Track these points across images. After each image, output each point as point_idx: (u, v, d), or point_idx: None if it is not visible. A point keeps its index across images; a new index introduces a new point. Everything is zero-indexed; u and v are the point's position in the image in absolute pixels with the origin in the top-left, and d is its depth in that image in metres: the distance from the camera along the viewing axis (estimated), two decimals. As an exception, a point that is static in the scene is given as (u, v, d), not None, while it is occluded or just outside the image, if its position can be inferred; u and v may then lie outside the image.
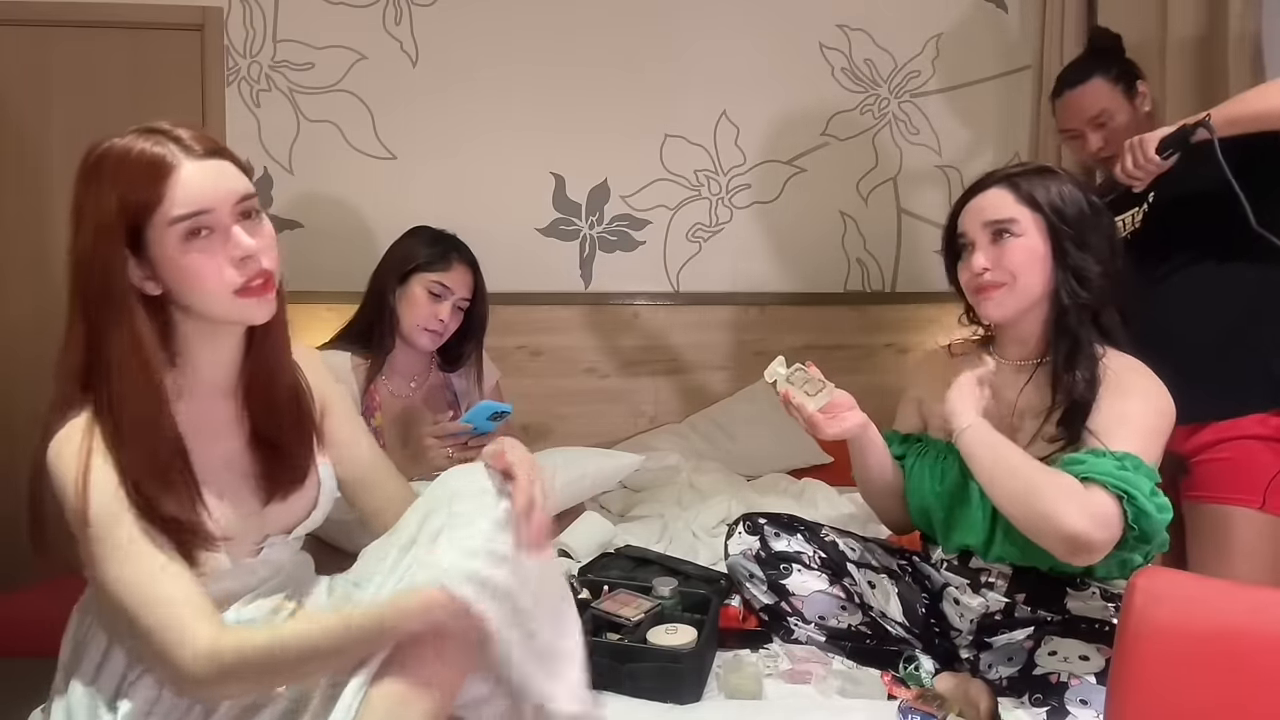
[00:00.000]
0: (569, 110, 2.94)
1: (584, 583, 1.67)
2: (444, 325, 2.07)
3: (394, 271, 2.09)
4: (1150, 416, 1.40)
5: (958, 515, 1.53)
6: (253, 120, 2.84)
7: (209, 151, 1.12)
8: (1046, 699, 1.28)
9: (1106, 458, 1.33)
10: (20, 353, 2.71)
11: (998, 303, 1.49)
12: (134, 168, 1.08)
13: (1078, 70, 2.02)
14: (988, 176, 1.55)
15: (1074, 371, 1.43)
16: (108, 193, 1.07)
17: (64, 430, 1.10)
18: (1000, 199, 1.49)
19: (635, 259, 3.03)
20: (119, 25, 2.76)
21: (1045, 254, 1.46)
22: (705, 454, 2.72)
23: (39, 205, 2.77)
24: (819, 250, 3.09)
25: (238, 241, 1.12)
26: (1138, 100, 1.98)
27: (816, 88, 3.03)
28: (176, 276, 1.11)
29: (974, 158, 3.07)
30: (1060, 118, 2.04)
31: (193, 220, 1.09)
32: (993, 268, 1.48)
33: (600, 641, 1.45)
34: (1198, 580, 1.12)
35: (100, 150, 1.10)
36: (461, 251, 2.13)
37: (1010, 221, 1.47)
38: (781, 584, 1.57)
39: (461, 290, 2.09)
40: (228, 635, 1.04)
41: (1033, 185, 1.48)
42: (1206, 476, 1.82)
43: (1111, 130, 1.95)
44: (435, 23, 2.89)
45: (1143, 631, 1.03)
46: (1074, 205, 1.47)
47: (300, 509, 1.28)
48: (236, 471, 1.21)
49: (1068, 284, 1.45)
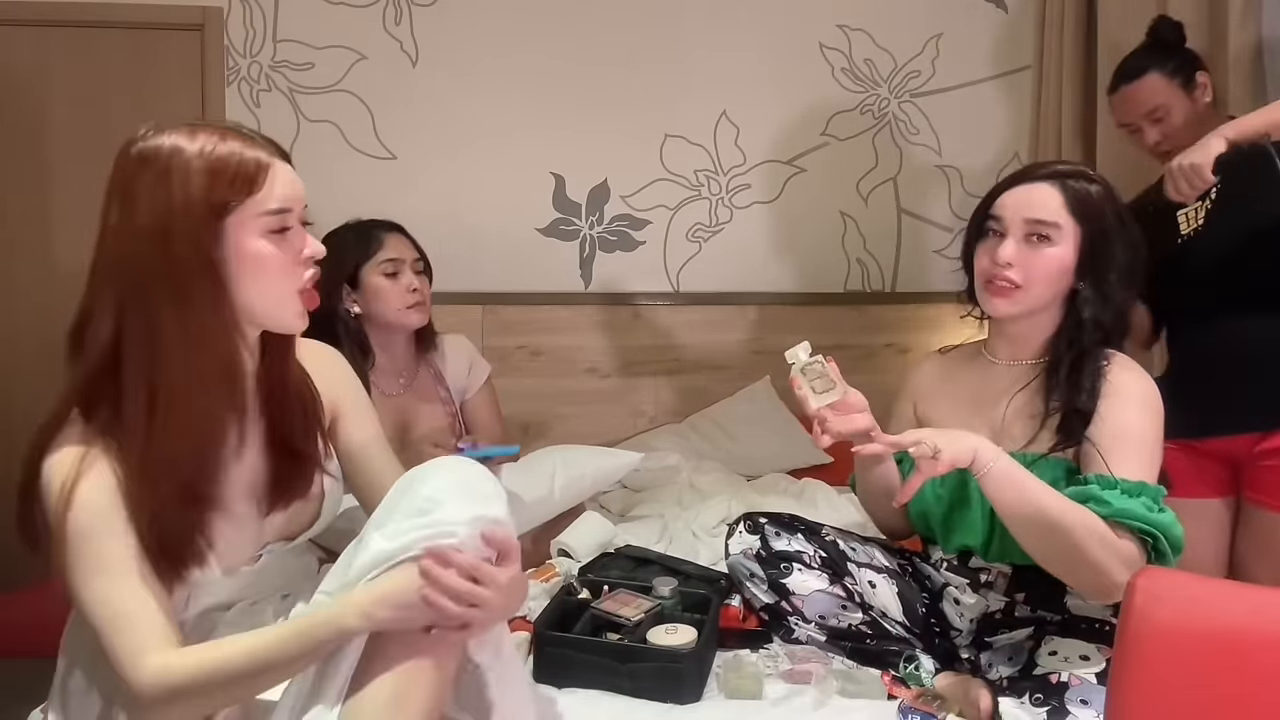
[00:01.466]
0: (569, 110, 2.94)
1: (584, 583, 1.67)
2: (419, 293, 2.06)
3: (335, 280, 2.00)
4: (1150, 426, 1.39)
5: (957, 517, 1.52)
6: (253, 120, 2.84)
7: (284, 156, 1.17)
8: (1047, 699, 1.28)
9: (1131, 497, 1.31)
10: (22, 353, 2.71)
11: (1010, 301, 1.46)
12: (230, 157, 1.09)
13: (1134, 64, 1.97)
14: (1038, 167, 1.51)
15: (1078, 382, 1.41)
16: (195, 180, 1.07)
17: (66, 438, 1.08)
18: (1048, 198, 1.45)
19: (635, 259, 3.03)
20: (119, 25, 2.76)
21: (1071, 266, 1.45)
22: (705, 454, 2.72)
23: (40, 205, 2.77)
24: (819, 250, 3.09)
25: (310, 242, 1.16)
26: (1197, 92, 1.93)
27: (816, 88, 3.03)
28: (250, 267, 1.11)
29: (974, 158, 3.08)
30: (1117, 112, 2.01)
31: (281, 216, 1.12)
32: (1017, 265, 1.44)
33: (600, 641, 1.45)
34: (1198, 580, 1.11)
35: (169, 141, 1.08)
36: (381, 224, 2.11)
37: (1053, 227, 1.44)
38: (782, 583, 1.57)
39: (409, 253, 2.08)
40: (178, 657, 1.03)
41: (1081, 193, 1.45)
42: (1271, 482, 1.78)
43: (1169, 125, 1.92)
44: (435, 23, 2.89)
45: (1143, 631, 1.03)
46: (1113, 219, 1.45)
47: (304, 518, 1.27)
48: (243, 480, 1.20)
49: (1093, 303, 1.43)
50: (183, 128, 1.10)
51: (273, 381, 1.23)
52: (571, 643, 1.44)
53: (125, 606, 1.04)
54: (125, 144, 1.10)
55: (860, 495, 1.71)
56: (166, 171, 1.07)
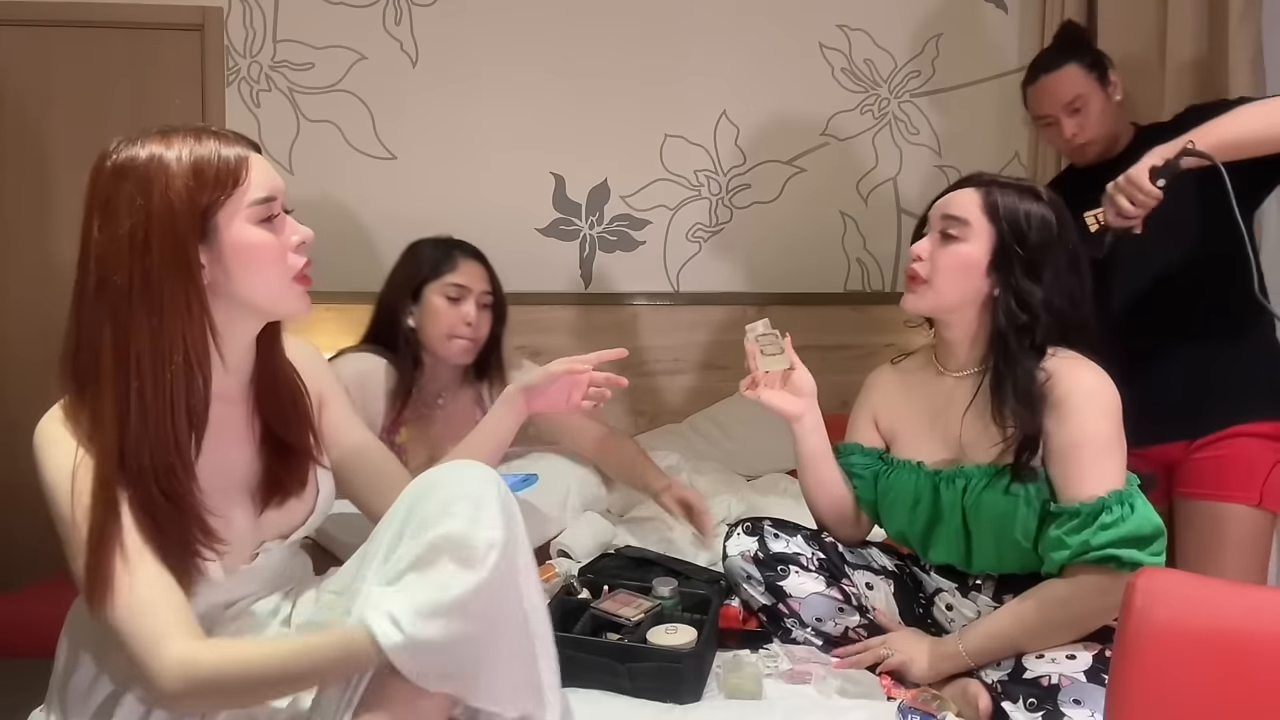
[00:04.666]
0: (569, 110, 2.94)
1: (584, 583, 1.68)
2: (473, 329, 1.97)
3: (403, 290, 1.98)
4: (1104, 428, 1.37)
5: (934, 535, 1.53)
6: (253, 120, 2.84)
7: (255, 148, 1.17)
8: (1041, 703, 1.28)
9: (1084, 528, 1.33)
10: (20, 354, 2.71)
11: (916, 296, 1.50)
12: (211, 156, 1.10)
13: (1053, 57, 2.02)
14: (973, 175, 1.54)
15: (1015, 395, 1.40)
16: (175, 184, 1.07)
17: (52, 426, 1.09)
18: (967, 198, 1.48)
19: (635, 259, 3.03)
20: (119, 25, 2.76)
21: (981, 266, 1.45)
22: (705, 454, 2.71)
23: (40, 205, 2.77)
24: (819, 250, 3.09)
25: (296, 228, 1.18)
26: (1110, 89, 1.98)
27: (816, 88, 3.03)
28: (246, 258, 1.12)
29: (974, 158, 3.07)
30: (1035, 104, 2.04)
31: (267, 204, 1.13)
32: (926, 260, 1.48)
33: (600, 641, 1.45)
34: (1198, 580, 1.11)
35: (145, 151, 1.08)
36: (465, 248, 2.03)
37: (961, 223, 1.46)
38: (779, 586, 1.57)
39: (479, 284, 1.99)
40: (204, 650, 1.03)
41: (1004, 197, 1.46)
42: (1200, 473, 1.84)
43: (1086, 116, 1.95)
44: (435, 23, 2.89)
45: (1143, 631, 1.02)
46: (1040, 230, 1.43)
47: (298, 515, 1.27)
48: (238, 479, 1.20)
49: (1006, 304, 1.43)
50: (154, 135, 1.10)
51: (264, 378, 1.23)
52: (571, 642, 1.44)
53: (143, 592, 1.04)
54: (99, 159, 1.10)
55: (808, 503, 1.69)
56: (146, 180, 1.07)
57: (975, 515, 1.45)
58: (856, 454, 1.65)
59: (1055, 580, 1.38)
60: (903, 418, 1.61)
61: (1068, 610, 1.35)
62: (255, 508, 1.22)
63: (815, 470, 1.62)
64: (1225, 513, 1.83)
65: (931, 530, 1.53)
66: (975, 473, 1.46)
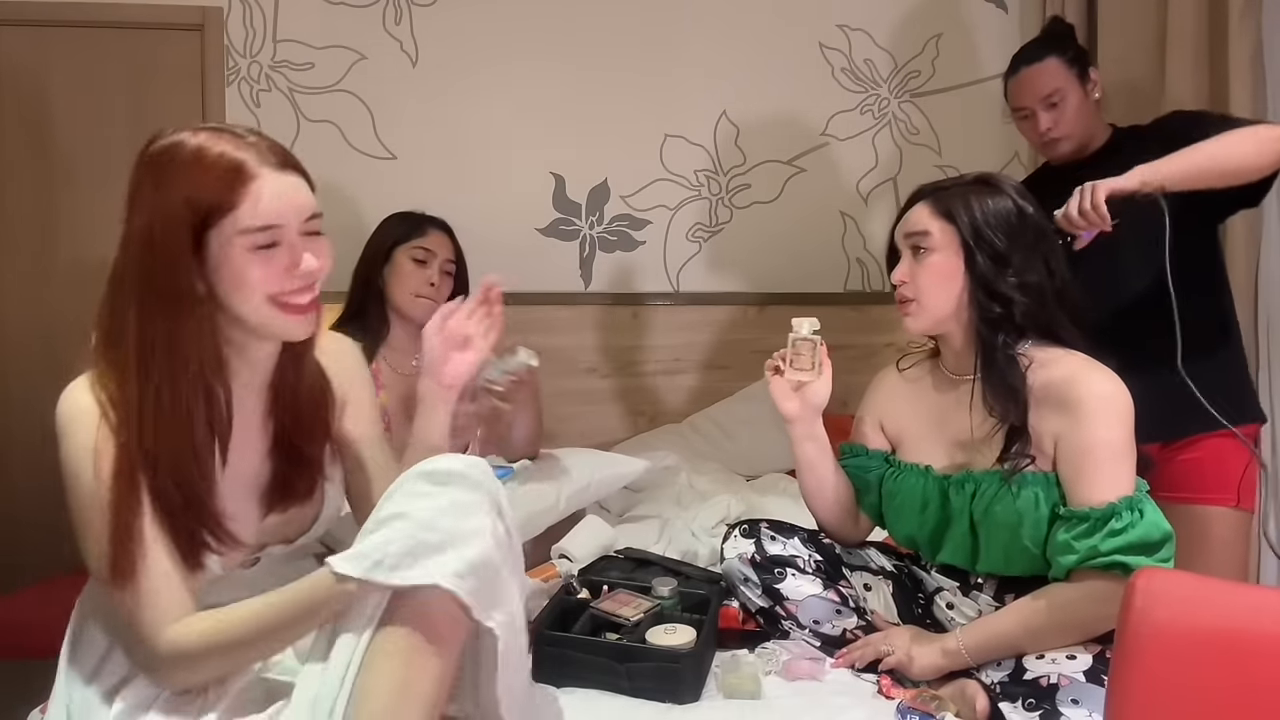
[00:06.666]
0: (569, 110, 2.94)
1: (583, 583, 1.67)
2: (435, 290, 2.14)
3: (376, 253, 2.18)
4: (1115, 435, 1.37)
5: (942, 539, 1.53)
6: (253, 120, 2.84)
7: (285, 164, 1.12)
8: (1039, 703, 1.28)
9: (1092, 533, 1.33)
10: (21, 354, 2.71)
11: (912, 317, 1.52)
12: (212, 168, 1.06)
13: (1036, 49, 2.02)
14: (918, 190, 1.55)
15: (998, 384, 1.42)
16: (178, 187, 1.06)
17: (81, 395, 1.09)
18: (919, 214, 1.51)
19: (635, 259, 3.03)
20: (119, 25, 2.76)
21: (957, 270, 1.46)
22: (705, 454, 2.71)
23: (40, 204, 2.76)
24: (819, 250, 3.09)
25: (304, 266, 1.12)
26: (1089, 86, 1.98)
27: (816, 88, 3.03)
28: (231, 282, 1.09)
29: (974, 158, 3.06)
30: (1014, 96, 2.04)
31: (264, 234, 1.08)
32: (909, 281, 1.50)
33: (599, 641, 1.45)
34: (1198, 580, 1.11)
35: (169, 142, 1.08)
36: (433, 220, 2.22)
37: (923, 235, 1.48)
38: (776, 588, 1.57)
39: (444, 252, 2.19)
40: (193, 623, 1.07)
41: (952, 199, 1.47)
42: (1178, 477, 1.82)
43: (1063, 111, 1.95)
44: (435, 23, 2.89)
45: (1143, 631, 1.02)
46: (998, 217, 1.45)
47: (302, 522, 1.27)
48: (246, 480, 1.20)
49: (977, 296, 1.45)
50: (188, 129, 1.09)
51: (284, 385, 1.22)
52: (571, 642, 1.44)
53: (150, 580, 1.06)
54: (144, 145, 1.10)
55: (807, 504, 1.69)
56: (159, 172, 1.07)
57: (984, 520, 1.45)
58: (861, 456, 1.65)
59: (1062, 584, 1.38)
60: (909, 421, 1.61)
61: (1072, 614, 1.35)
62: (260, 510, 1.21)
63: (810, 475, 1.63)
64: (1205, 515, 1.84)
65: (941, 534, 1.53)
66: (984, 477, 1.46)
